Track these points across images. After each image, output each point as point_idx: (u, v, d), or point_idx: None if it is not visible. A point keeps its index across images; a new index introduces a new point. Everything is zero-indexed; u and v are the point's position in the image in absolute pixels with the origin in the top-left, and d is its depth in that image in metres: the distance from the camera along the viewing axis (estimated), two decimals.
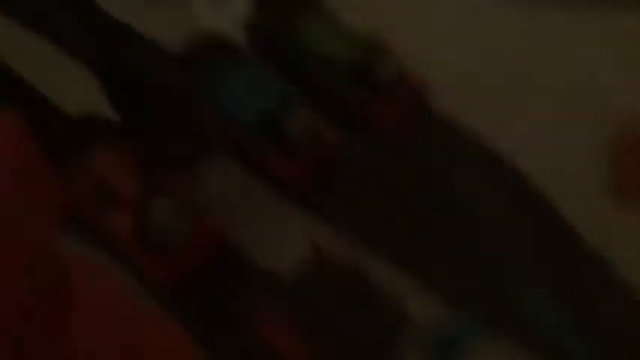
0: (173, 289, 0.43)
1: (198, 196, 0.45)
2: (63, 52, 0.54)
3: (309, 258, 0.44)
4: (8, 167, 0.27)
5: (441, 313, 0.41)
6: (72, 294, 0.31)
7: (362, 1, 0.59)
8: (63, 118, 0.49)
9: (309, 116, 0.46)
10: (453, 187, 0.46)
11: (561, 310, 0.39)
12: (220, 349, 0.40)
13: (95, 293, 0.33)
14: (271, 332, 0.40)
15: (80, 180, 0.45)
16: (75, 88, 0.53)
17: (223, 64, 0.49)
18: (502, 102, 0.51)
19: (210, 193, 0.48)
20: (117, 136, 0.46)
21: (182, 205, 0.43)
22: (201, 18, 0.60)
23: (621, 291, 0.39)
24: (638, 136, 0.45)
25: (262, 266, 0.44)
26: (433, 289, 0.42)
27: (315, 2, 0.52)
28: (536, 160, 0.46)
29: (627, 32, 0.54)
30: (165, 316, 0.38)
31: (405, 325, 0.41)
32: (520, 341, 0.39)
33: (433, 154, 0.48)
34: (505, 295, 0.40)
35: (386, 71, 0.47)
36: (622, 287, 0.40)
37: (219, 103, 0.48)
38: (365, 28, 0.50)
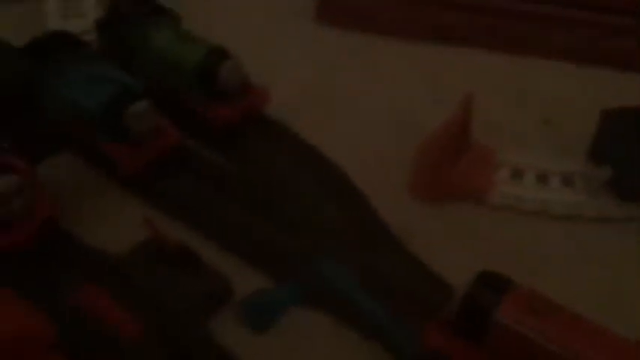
0: None
1: (37, 180, 0.46)
2: None
3: (143, 239, 0.47)
4: None
5: (261, 286, 0.46)
6: None
7: (207, 13, 0.65)
8: None
9: (151, 110, 0.50)
10: (278, 180, 0.51)
11: (357, 279, 0.45)
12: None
13: None
14: (94, 302, 0.42)
15: None
16: None
17: (66, 57, 0.52)
18: (328, 115, 0.59)
19: (49, 180, 0.49)
20: None
21: (20, 183, 0.44)
22: (51, 21, 0.63)
23: (411, 265, 0.47)
24: (432, 145, 0.53)
25: (91, 245, 0.46)
26: (257, 266, 0.47)
27: (162, 11, 0.56)
28: (352, 165, 0.54)
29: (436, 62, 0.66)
30: None
31: (229, 297, 0.45)
32: (327, 307, 0.45)
33: (261, 152, 0.53)
34: (317, 270, 0.46)
35: (227, 77, 0.52)
36: (412, 262, 0.47)
37: (61, 93, 0.50)
38: (210, 37, 0.55)
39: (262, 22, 0.69)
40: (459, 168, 0.54)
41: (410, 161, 0.53)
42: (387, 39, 0.68)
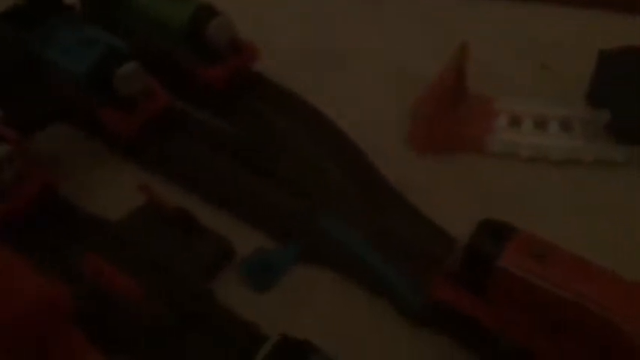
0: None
1: (28, 150, 0.46)
2: None
3: (141, 204, 0.47)
4: None
5: (262, 245, 0.45)
6: None
7: None
8: None
9: (140, 71, 0.49)
10: (273, 138, 0.51)
11: (360, 235, 0.45)
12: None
13: None
14: (95, 269, 0.42)
15: None
16: None
17: (50, 21, 0.51)
18: (327, 69, 0.58)
19: (44, 149, 0.49)
20: None
21: (10, 153, 0.43)
22: None
23: (413, 219, 0.47)
24: (428, 97, 0.52)
25: (90, 212, 0.46)
26: (257, 226, 0.46)
27: None
28: (351, 118, 0.53)
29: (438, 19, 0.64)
30: None
31: (230, 258, 0.45)
32: (330, 265, 0.45)
33: (255, 111, 0.53)
34: (319, 227, 0.46)
35: (215, 34, 0.51)
36: (414, 216, 0.47)
37: (48, 57, 0.49)
38: None
39: None
40: (456, 118, 0.53)
41: (410, 114, 0.53)
42: None
